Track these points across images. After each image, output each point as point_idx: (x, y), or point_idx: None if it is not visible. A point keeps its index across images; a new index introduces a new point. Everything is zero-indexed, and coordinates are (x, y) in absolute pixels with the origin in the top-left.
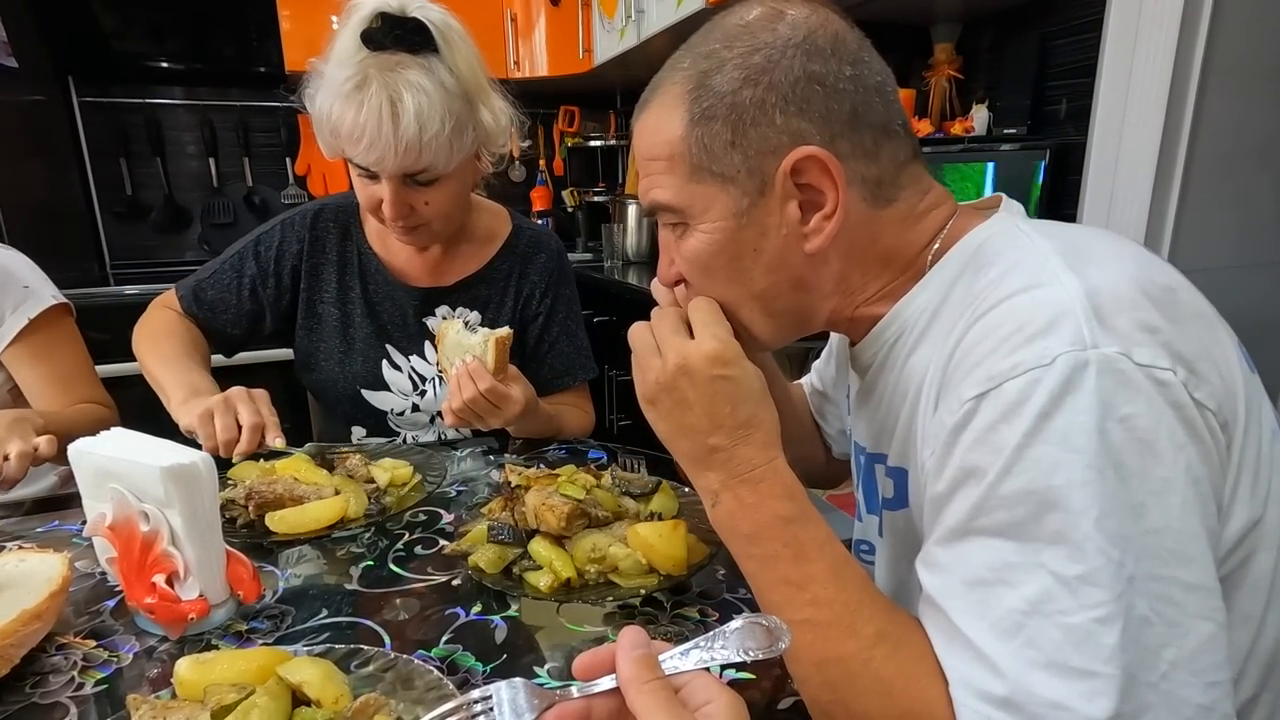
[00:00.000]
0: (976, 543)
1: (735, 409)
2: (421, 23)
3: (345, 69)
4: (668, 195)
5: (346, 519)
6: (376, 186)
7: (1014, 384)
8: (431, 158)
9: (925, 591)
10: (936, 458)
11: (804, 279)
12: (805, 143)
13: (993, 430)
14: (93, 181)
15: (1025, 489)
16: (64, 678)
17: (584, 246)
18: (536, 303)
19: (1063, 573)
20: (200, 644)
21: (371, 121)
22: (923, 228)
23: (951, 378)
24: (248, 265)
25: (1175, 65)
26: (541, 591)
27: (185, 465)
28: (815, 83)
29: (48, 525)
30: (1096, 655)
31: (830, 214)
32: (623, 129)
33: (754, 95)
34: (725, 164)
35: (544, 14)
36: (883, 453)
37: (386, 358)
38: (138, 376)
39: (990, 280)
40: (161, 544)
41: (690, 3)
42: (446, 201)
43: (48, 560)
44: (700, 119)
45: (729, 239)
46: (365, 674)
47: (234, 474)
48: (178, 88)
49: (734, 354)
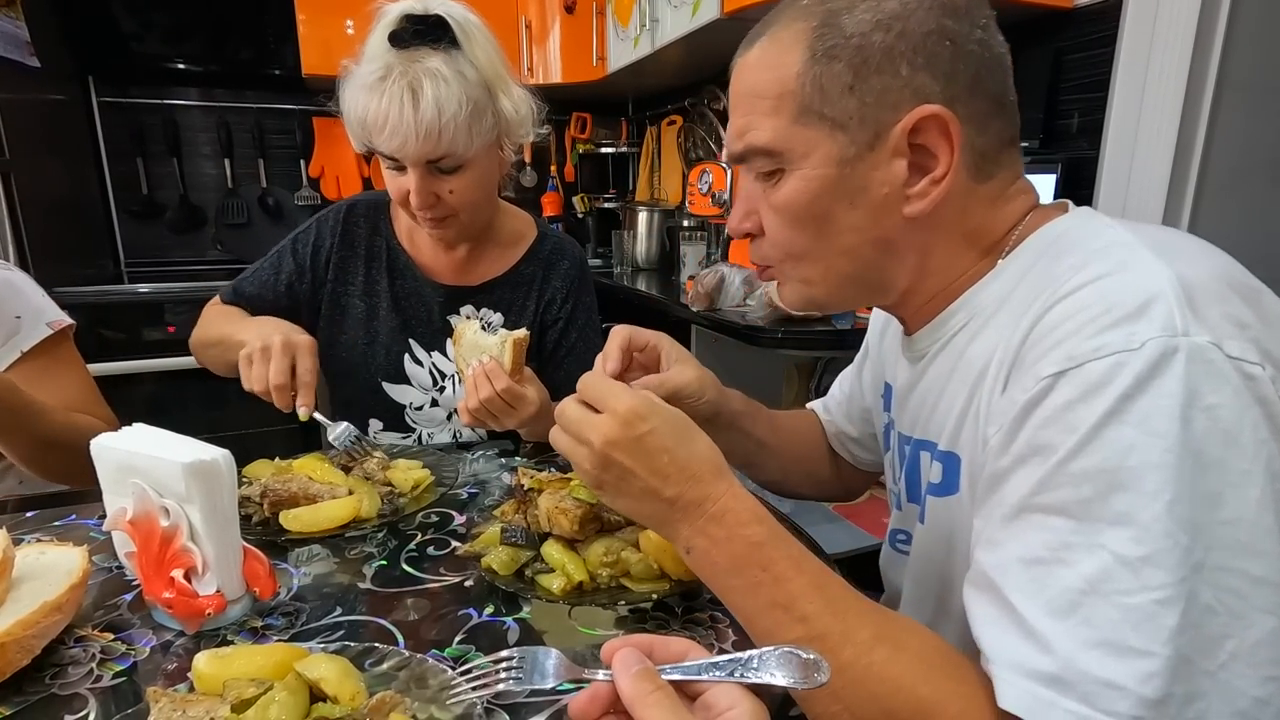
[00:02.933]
0: (1035, 519)
1: (673, 454)
2: (442, 18)
3: (373, 67)
4: (766, 137)
5: (359, 519)
6: (404, 177)
7: (1097, 365)
8: (450, 141)
9: (977, 568)
10: (1003, 434)
11: (892, 242)
12: (927, 100)
13: (1069, 409)
14: (109, 181)
15: (1097, 467)
16: (83, 669)
17: (594, 253)
18: (558, 308)
19: (1125, 553)
20: (216, 639)
21: (394, 108)
22: (1008, 211)
23: (1026, 357)
24: (285, 262)
25: (1189, 80)
26: (554, 594)
27: (206, 462)
28: (946, 38)
29: (65, 519)
30: (1155, 636)
31: (939, 178)
32: (634, 136)
33: (884, 41)
34: (839, 108)
35: (559, 21)
36: (931, 439)
37: (409, 352)
38: (148, 374)
39: (1072, 265)
40: (181, 539)
41: (705, 13)
42: (471, 189)
43: (68, 553)
44: (821, 57)
45: (826, 188)
46: (380, 672)
47: (249, 472)
48: (195, 89)
49: (646, 406)
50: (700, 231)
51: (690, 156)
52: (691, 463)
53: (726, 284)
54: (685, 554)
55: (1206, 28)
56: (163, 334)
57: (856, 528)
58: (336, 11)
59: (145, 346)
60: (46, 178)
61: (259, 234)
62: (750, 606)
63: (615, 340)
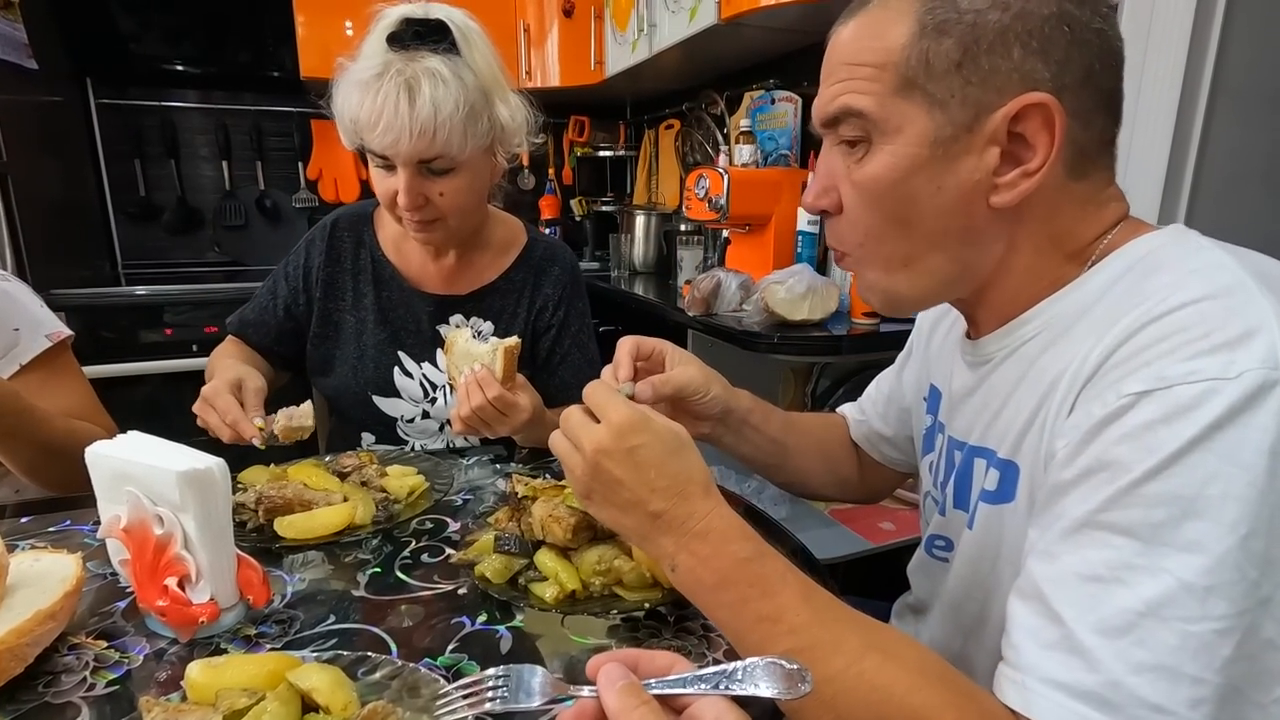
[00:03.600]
0: (1098, 536)
1: (661, 470)
2: (443, 22)
3: (370, 67)
4: (865, 102)
5: (354, 525)
6: (393, 178)
7: (1187, 389)
8: (445, 141)
9: (1029, 578)
10: (1072, 447)
11: (976, 232)
12: (1035, 87)
13: (1149, 430)
14: (107, 182)
15: (1173, 492)
16: (76, 677)
17: (591, 256)
18: (550, 315)
19: (1193, 581)
20: (210, 647)
21: (389, 105)
22: (1099, 217)
23: (1109, 373)
24: (280, 287)
25: (1183, 87)
26: (546, 603)
27: (201, 470)
28: (1065, 24)
29: (59, 525)
30: (1209, 665)
31: (1033, 172)
32: (632, 140)
33: (999, 20)
34: (942, 85)
35: (557, 25)
36: (989, 447)
37: (398, 364)
38: (146, 377)
39: (1168, 283)
40: (175, 547)
41: (702, 18)
42: (461, 193)
43: (62, 560)
44: (931, 31)
45: (914, 167)
46: (372, 681)
47: (244, 478)
48: (193, 91)
49: (640, 420)
50: (697, 236)
51: (688, 160)
52: (680, 480)
53: (723, 289)
54: (670, 571)
55: (1201, 35)
56: (160, 336)
57: (852, 532)
58: (335, 13)
59: (142, 349)
60: (43, 179)
61: (257, 236)
62: (738, 622)
63: (624, 349)
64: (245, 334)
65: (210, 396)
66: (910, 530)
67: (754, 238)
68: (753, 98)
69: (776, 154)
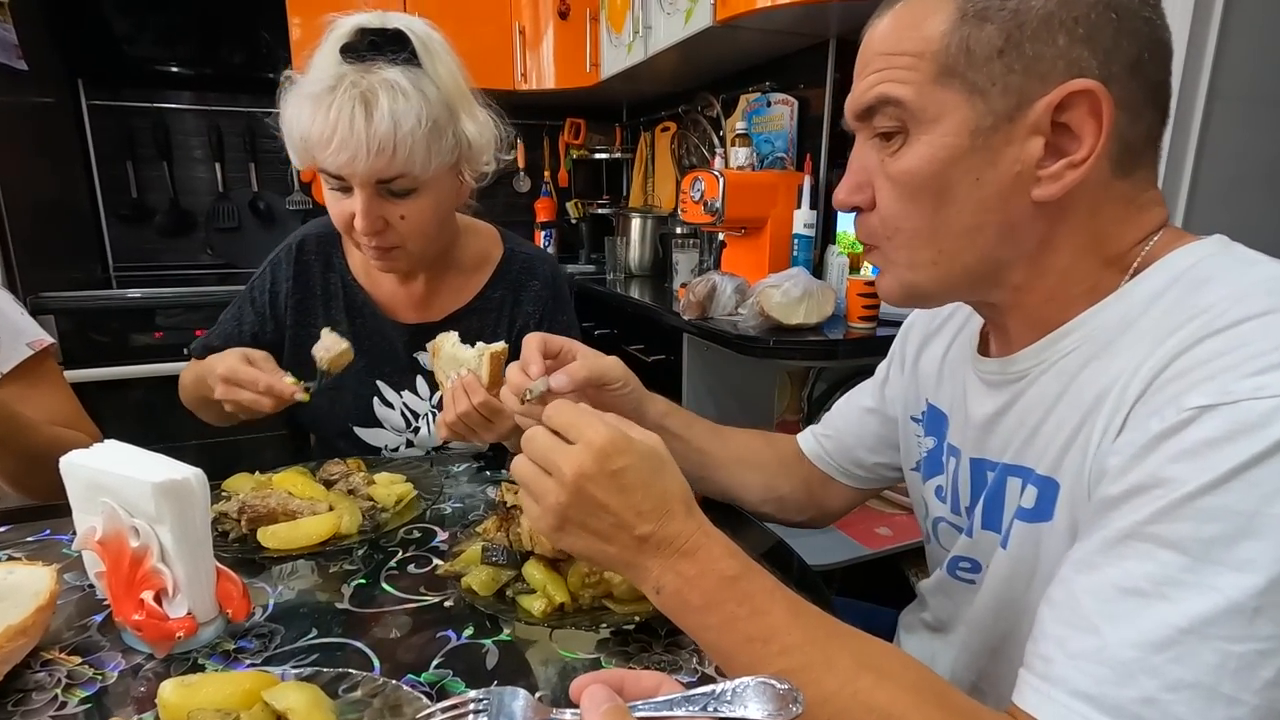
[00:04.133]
0: (1142, 549)
1: (648, 491)
2: (402, 32)
3: (320, 76)
4: (902, 91)
5: (340, 535)
6: (349, 200)
7: (1255, 405)
8: (406, 159)
9: (1065, 587)
10: (1124, 459)
11: (1015, 229)
12: (1081, 74)
13: (1211, 446)
14: (98, 184)
15: (1231, 507)
16: (47, 695)
17: (586, 258)
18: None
19: (1242, 601)
20: (187, 663)
21: (344, 119)
22: (1139, 221)
23: (1166, 387)
24: (246, 313)
25: (1180, 92)
26: (534, 617)
27: (177, 481)
28: (1112, 10)
29: (39, 535)
30: (1247, 686)
31: (1079, 163)
32: (628, 142)
33: (1044, 7)
34: (983, 73)
35: (553, 27)
36: (1027, 465)
37: (378, 394)
38: (134, 380)
39: (1225, 296)
40: (151, 560)
41: (698, 20)
42: (423, 216)
43: (36, 573)
44: (971, 18)
45: (954, 158)
46: (353, 699)
47: (229, 486)
48: (186, 92)
49: (622, 439)
50: (693, 239)
51: (684, 163)
52: (664, 499)
53: (718, 292)
54: (655, 594)
55: (1198, 39)
56: (151, 339)
57: (848, 538)
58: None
59: (133, 352)
60: (34, 181)
61: (250, 238)
62: (727, 643)
63: (531, 345)
64: None
65: (231, 375)
66: (906, 535)
67: (750, 241)
68: (749, 100)
69: (772, 157)
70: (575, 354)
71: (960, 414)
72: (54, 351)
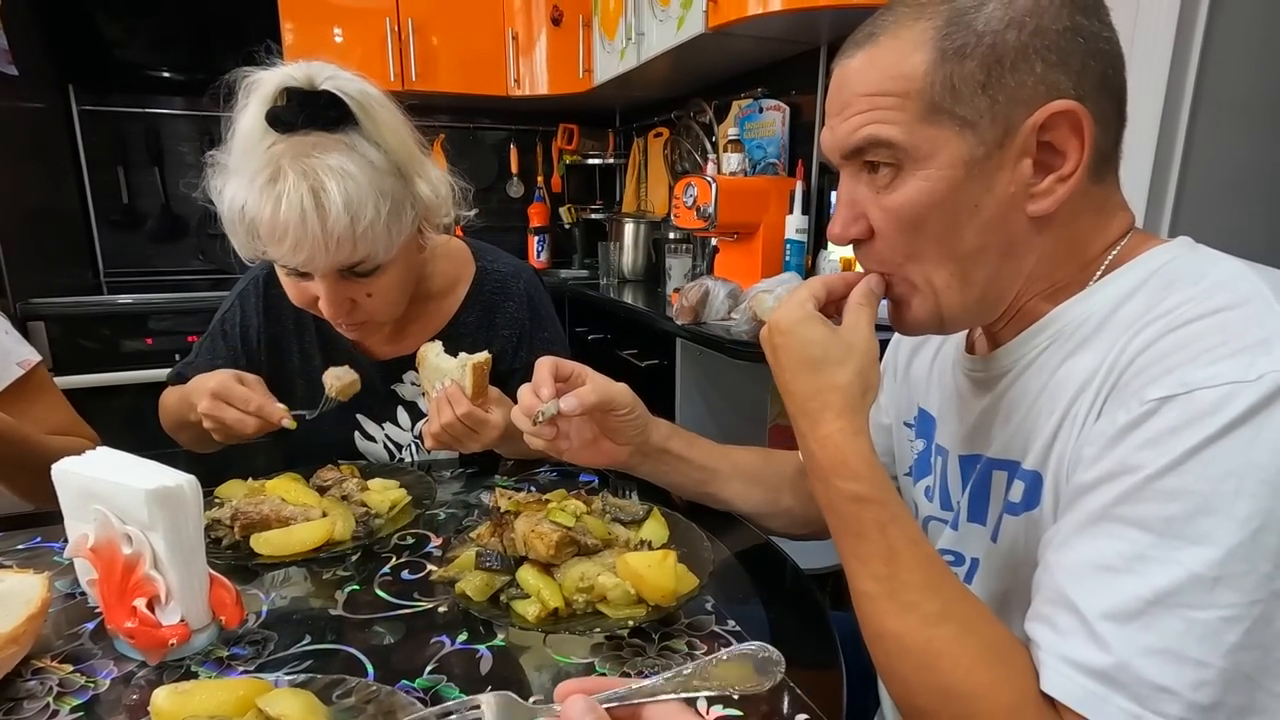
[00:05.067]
0: (1113, 529)
1: (795, 376)
2: (334, 95)
3: (253, 159)
4: (894, 132)
5: (333, 541)
6: (309, 284)
7: (1208, 394)
8: (369, 247)
9: (1044, 567)
10: (1096, 449)
11: (1015, 246)
12: (1060, 96)
13: (1172, 433)
14: (89, 189)
15: (1187, 487)
16: (39, 704)
17: (580, 263)
18: (510, 358)
19: (1202, 573)
20: (180, 670)
21: (294, 218)
22: (1110, 225)
23: (1132, 381)
24: (219, 347)
25: (1166, 99)
26: (528, 621)
27: (170, 488)
28: (1079, 35)
29: (30, 541)
30: (1214, 650)
31: (1067, 175)
32: (621, 147)
33: (1018, 38)
34: (970, 107)
35: (545, 33)
36: (1012, 459)
37: (358, 428)
38: (125, 387)
39: (1188, 296)
40: (143, 567)
41: (690, 27)
42: (390, 290)
43: (27, 581)
44: (952, 56)
45: (951, 190)
46: (347, 705)
47: (221, 492)
48: (178, 98)
49: (788, 319)
50: (686, 244)
51: (676, 169)
52: (807, 398)
53: (711, 297)
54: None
55: (1183, 47)
56: (142, 345)
57: None
58: (323, 21)
59: (124, 358)
60: (24, 186)
61: None
62: (840, 540)
63: (544, 368)
64: None
65: (222, 391)
66: None
67: (742, 246)
68: (741, 106)
69: (764, 162)
70: (585, 379)
71: (949, 414)
72: (43, 370)
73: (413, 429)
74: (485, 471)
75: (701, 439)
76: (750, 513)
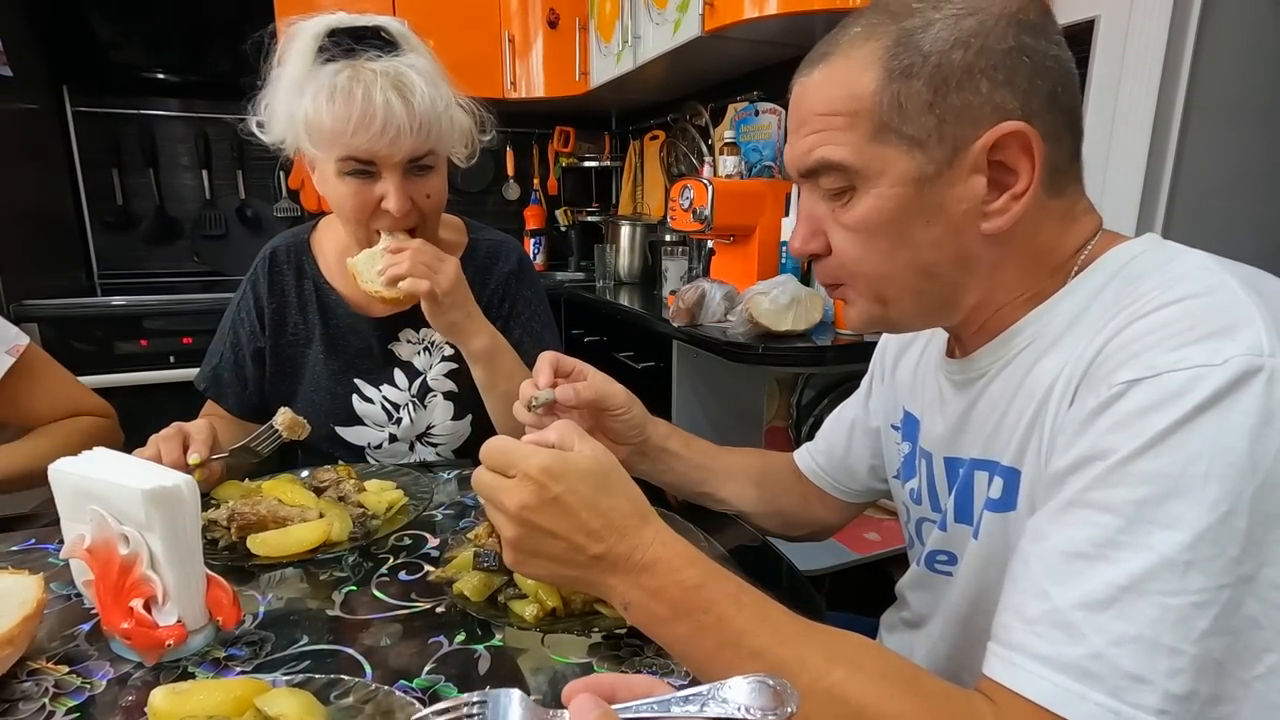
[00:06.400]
0: (1083, 515)
1: (594, 509)
2: (381, 26)
3: (321, 76)
4: (843, 153)
5: (330, 542)
6: (372, 185)
7: (1175, 377)
8: (439, 137)
9: (1018, 557)
10: (1067, 436)
11: (970, 259)
12: (1007, 116)
13: (1140, 415)
14: (83, 191)
15: (1158, 471)
16: (34, 705)
17: (576, 266)
18: (495, 310)
19: (1174, 557)
20: (177, 671)
21: (382, 103)
22: (1076, 231)
23: (1100, 368)
24: (240, 334)
25: (1158, 103)
26: (526, 621)
27: (168, 488)
28: (1024, 54)
29: (23, 544)
30: (1186, 636)
31: (1020, 194)
32: (617, 150)
33: (963, 59)
34: (917, 126)
35: (542, 36)
36: (992, 459)
37: (356, 392)
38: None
39: (1154, 286)
40: (140, 568)
41: (686, 30)
42: (442, 191)
43: (22, 582)
44: (899, 76)
45: (903, 206)
46: (345, 705)
47: (218, 494)
48: (173, 99)
49: (556, 464)
50: (682, 246)
51: (672, 171)
52: (614, 515)
53: (707, 300)
54: (624, 610)
55: (1175, 52)
56: (136, 347)
57: (836, 543)
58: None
59: (118, 360)
60: (18, 188)
61: (237, 246)
62: (699, 652)
63: (545, 360)
64: (220, 397)
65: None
66: (894, 541)
67: (738, 248)
68: (737, 109)
69: (760, 165)
70: (586, 375)
71: (932, 416)
72: (35, 350)
73: (409, 388)
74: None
75: (699, 439)
76: (747, 513)
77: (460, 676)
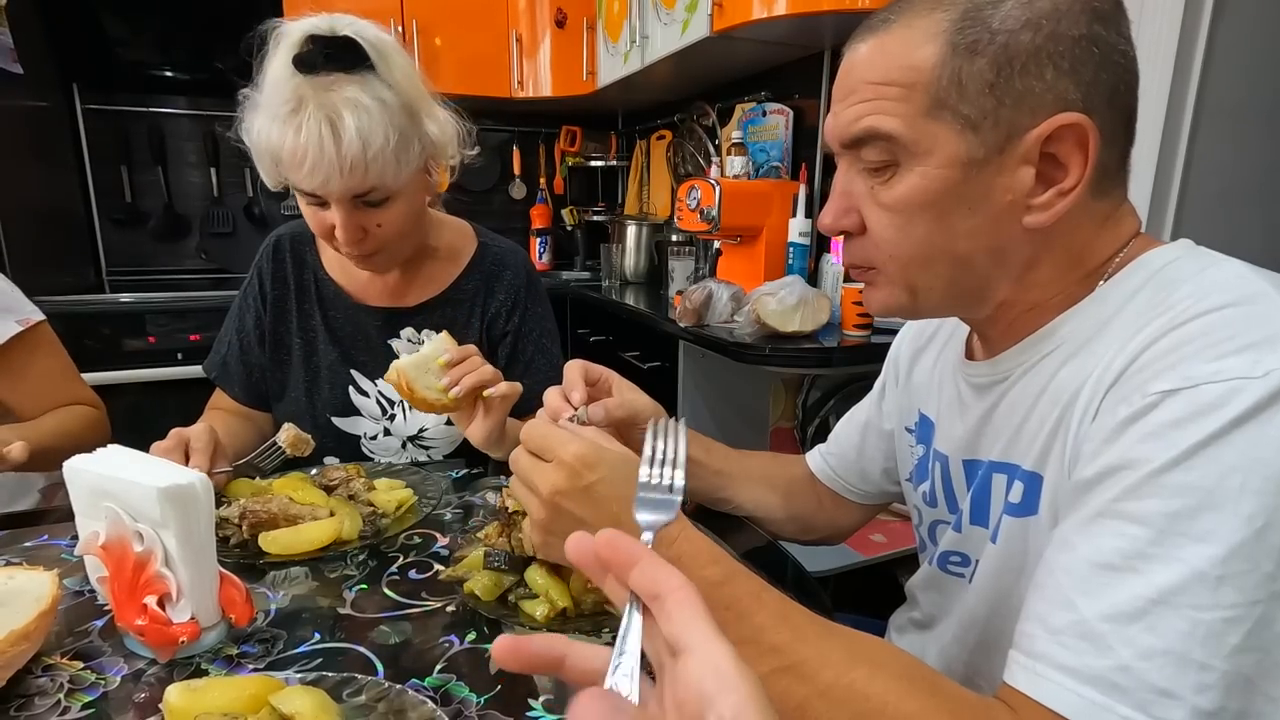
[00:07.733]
0: (1113, 525)
1: (623, 501)
2: (353, 40)
3: (279, 95)
4: (893, 124)
5: (340, 540)
6: (326, 212)
7: (1213, 389)
8: (379, 175)
9: (1044, 566)
10: (1096, 444)
11: (1005, 252)
12: (1068, 108)
13: (1175, 427)
14: (93, 188)
15: (1192, 483)
16: (50, 700)
17: (582, 266)
18: (504, 321)
19: (1206, 571)
20: (190, 668)
21: (312, 143)
22: (1113, 235)
23: (1135, 376)
24: (247, 321)
25: (1169, 106)
26: (537, 621)
27: (183, 486)
28: (1094, 45)
29: (37, 540)
30: (1217, 652)
31: (1067, 191)
32: (623, 150)
33: (1032, 41)
34: (974, 107)
35: (549, 36)
36: (1012, 462)
37: (353, 383)
38: (129, 385)
39: (1190, 293)
40: (154, 565)
41: (695, 30)
42: (399, 221)
43: (37, 578)
44: (963, 51)
45: (946, 189)
46: (358, 704)
47: (229, 492)
48: (182, 97)
49: (591, 454)
50: (688, 247)
51: (679, 171)
52: None
53: (714, 300)
54: None
55: (1185, 55)
56: (144, 344)
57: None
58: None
59: (126, 357)
60: (28, 185)
61: (244, 243)
62: None
63: (574, 371)
64: (229, 385)
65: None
66: (901, 542)
67: (745, 249)
68: (744, 109)
69: (768, 165)
70: (612, 384)
71: (950, 419)
72: (45, 328)
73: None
74: (491, 472)
75: (718, 445)
76: (763, 518)
77: (471, 676)
